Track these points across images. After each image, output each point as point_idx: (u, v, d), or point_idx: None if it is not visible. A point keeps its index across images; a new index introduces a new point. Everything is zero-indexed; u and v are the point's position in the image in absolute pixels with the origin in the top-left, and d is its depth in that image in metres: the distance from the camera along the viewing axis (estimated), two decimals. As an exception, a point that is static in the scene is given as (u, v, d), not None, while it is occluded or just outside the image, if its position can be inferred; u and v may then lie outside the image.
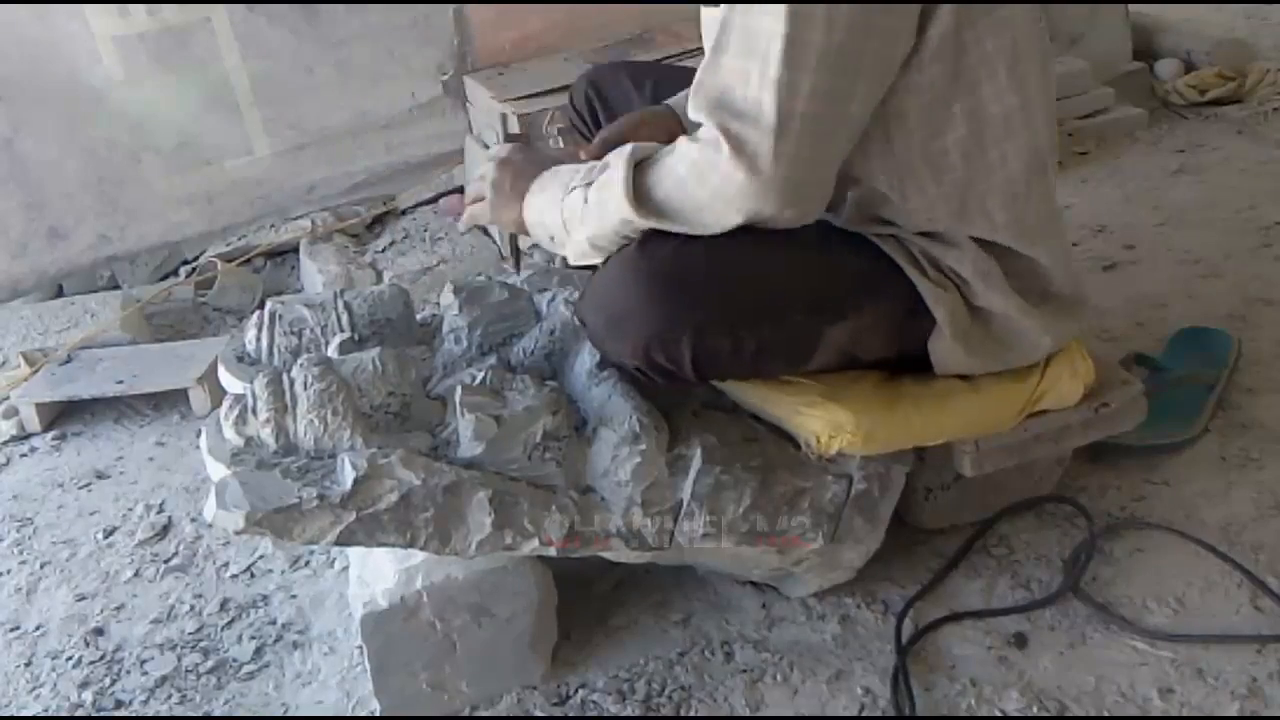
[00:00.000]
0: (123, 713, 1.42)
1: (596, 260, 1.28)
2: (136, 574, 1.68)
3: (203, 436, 1.32)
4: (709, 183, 1.16)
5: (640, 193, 1.20)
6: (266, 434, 1.26)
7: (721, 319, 1.22)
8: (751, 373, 1.32)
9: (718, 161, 1.15)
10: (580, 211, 1.27)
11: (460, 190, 2.85)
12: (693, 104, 1.18)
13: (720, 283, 1.21)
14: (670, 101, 1.55)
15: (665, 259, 1.20)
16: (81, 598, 1.64)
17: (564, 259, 1.36)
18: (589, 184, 1.26)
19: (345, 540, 1.20)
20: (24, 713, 1.44)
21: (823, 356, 1.30)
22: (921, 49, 1.18)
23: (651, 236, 1.22)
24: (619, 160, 1.23)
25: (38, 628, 1.59)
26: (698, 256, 1.20)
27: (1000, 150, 1.24)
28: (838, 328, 1.28)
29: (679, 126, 1.48)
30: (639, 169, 1.22)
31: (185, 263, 2.75)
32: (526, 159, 1.40)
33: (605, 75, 1.73)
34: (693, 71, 1.23)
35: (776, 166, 1.13)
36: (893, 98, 1.21)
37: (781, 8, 1.09)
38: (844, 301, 1.28)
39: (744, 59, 1.13)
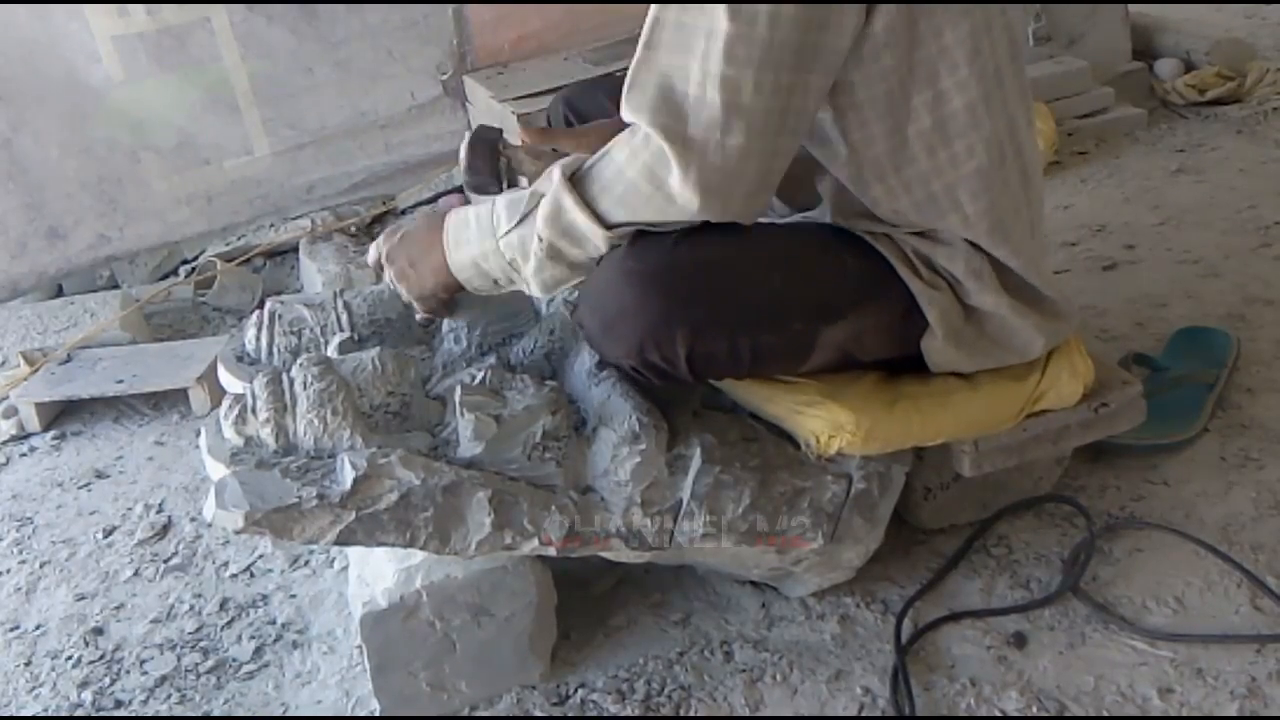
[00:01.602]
0: (122, 713, 1.42)
1: (574, 282, 1.27)
2: (136, 574, 1.68)
3: (202, 436, 1.32)
4: (662, 183, 1.15)
5: (598, 212, 1.18)
6: (266, 434, 1.26)
7: (716, 320, 1.22)
8: (748, 373, 1.32)
9: (664, 160, 1.14)
10: (536, 249, 1.22)
11: (460, 190, 2.85)
12: (627, 102, 1.16)
13: (714, 284, 1.21)
14: None
15: (658, 260, 1.20)
16: (81, 597, 1.64)
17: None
18: (522, 218, 1.22)
19: (345, 540, 1.20)
20: (24, 712, 1.44)
21: (820, 357, 1.30)
22: (867, 40, 1.16)
23: (642, 237, 1.21)
24: (557, 188, 1.19)
25: (37, 627, 1.59)
26: (691, 257, 1.19)
27: (966, 142, 1.23)
28: (835, 328, 1.28)
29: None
30: (577, 185, 1.19)
31: (185, 262, 2.75)
32: (405, 235, 1.36)
33: (582, 93, 1.71)
34: None
35: (724, 161, 1.13)
36: (845, 90, 1.20)
37: (722, 5, 1.08)
38: (841, 302, 1.28)
39: (683, 55, 1.12)
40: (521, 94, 2.52)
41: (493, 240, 1.26)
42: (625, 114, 1.16)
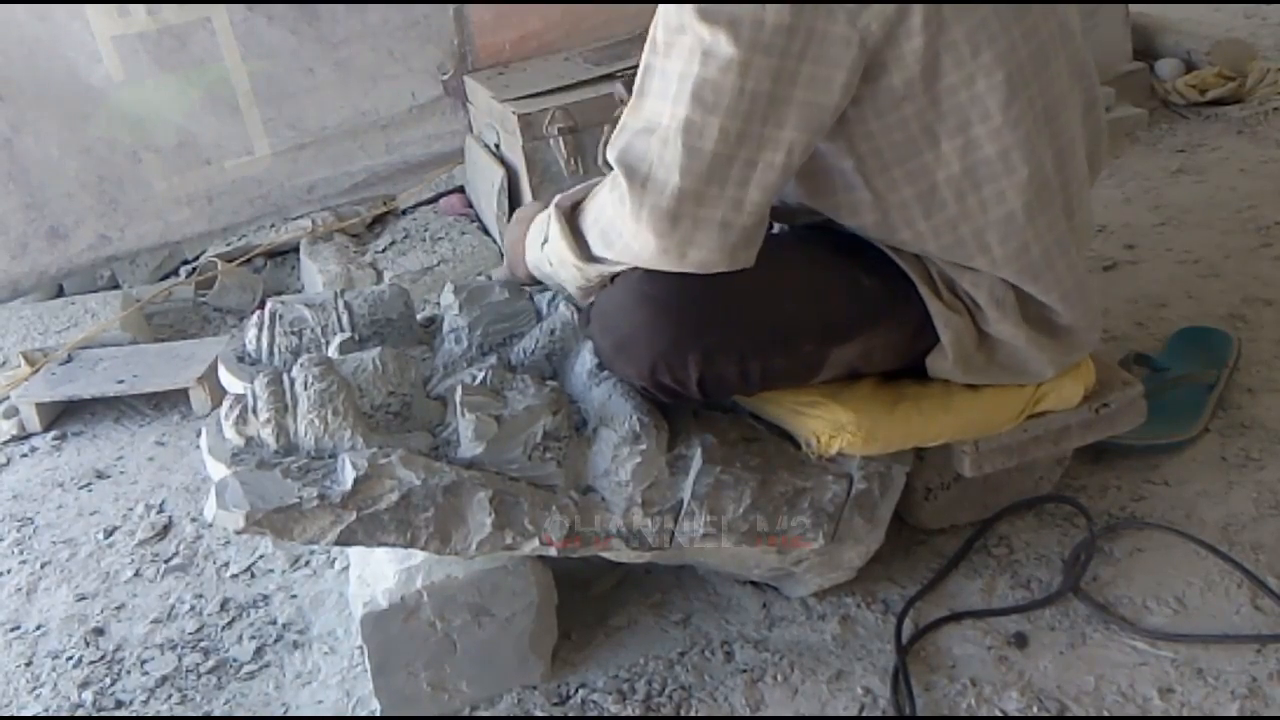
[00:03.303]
0: (123, 713, 1.42)
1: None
2: (137, 574, 1.68)
3: (203, 436, 1.32)
4: (625, 230, 1.16)
5: (582, 245, 1.25)
6: (267, 434, 1.26)
7: (728, 346, 1.22)
8: (757, 391, 1.32)
9: (625, 206, 1.14)
10: (551, 269, 1.34)
11: (460, 190, 2.85)
12: (610, 145, 1.17)
13: (727, 310, 1.21)
14: None
15: (670, 284, 1.19)
16: (82, 597, 1.64)
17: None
18: (544, 241, 1.33)
19: (345, 540, 1.20)
20: (24, 712, 1.44)
21: (828, 373, 1.30)
22: (885, 92, 1.15)
23: None
24: (554, 219, 1.28)
25: (38, 627, 1.59)
26: (704, 281, 1.18)
27: (997, 187, 1.21)
28: (846, 348, 1.28)
29: None
30: (574, 217, 1.26)
31: (185, 262, 2.75)
32: (520, 215, 1.50)
33: None
34: None
35: (678, 205, 1.12)
36: (865, 138, 1.19)
37: (696, 50, 1.08)
38: (853, 323, 1.27)
39: (662, 100, 1.12)
40: (522, 94, 2.52)
41: (536, 251, 1.37)
42: (608, 155, 1.17)
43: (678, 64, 1.10)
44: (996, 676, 1.30)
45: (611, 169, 1.18)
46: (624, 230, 1.16)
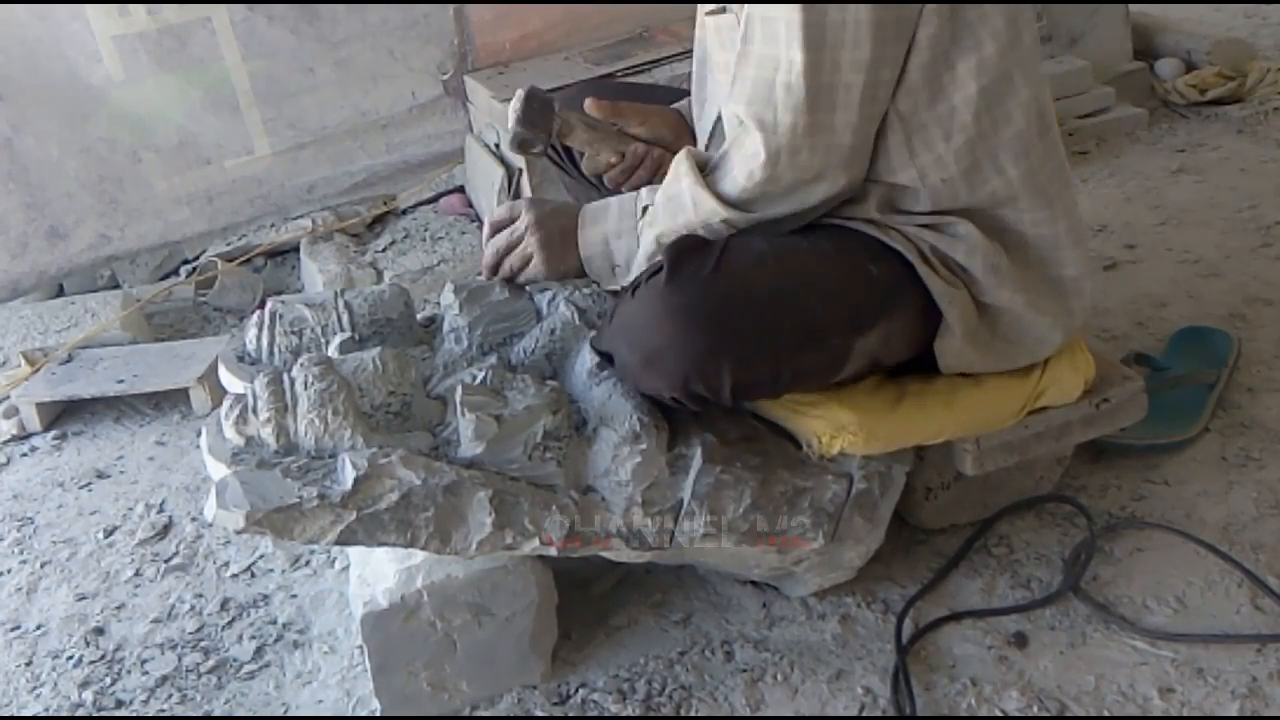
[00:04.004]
0: (123, 712, 1.42)
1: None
2: (137, 573, 1.68)
3: (203, 436, 1.32)
4: (763, 170, 1.22)
5: (720, 194, 1.26)
6: (267, 433, 1.26)
7: (760, 349, 1.22)
8: (786, 392, 1.31)
9: (764, 147, 1.21)
10: (642, 228, 1.33)
11: (460, 190, 2.85)
12: (732, 98, 1.24)
13: (756, 314, 1.21)
14: (677, 106, 1.61)
15: (697, 292, 1.20)
16: (82, 597, 1.64)
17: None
18: (646, 207, 1.33)
19: (345, 540, 1.20)
20: (24, 712, 1.44)
21: (852, 367, 1.30)
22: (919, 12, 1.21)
23: (679, 266, 1.21)
24: (684, 170, 1.29)
25: (38, 627, 1.59)
26: (729, 285, 1.20)
27: (1005, 107, 1.26)
28: (868, 337, 1.28)
29: (684, 127, 1.55)
30: (704, 168, 1.29)
31: (185, 262, 2.75)
32: (554, 208, 1.45)
33: (571, 102, 1.74)
34: (651, 87, 1.24)
35: (815, 139, 1.21)
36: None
37: None
38: (872, 311, 1.28)
39: (771, 45, 1.19)
40: (522, 94, 2.52)
41: (632, 220, 1.35)
42: (732, 107, 1.25)
43: (782, 9, 1.17)
44: (996, 676, 1.30)
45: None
46: (759, 175, 1.23)
